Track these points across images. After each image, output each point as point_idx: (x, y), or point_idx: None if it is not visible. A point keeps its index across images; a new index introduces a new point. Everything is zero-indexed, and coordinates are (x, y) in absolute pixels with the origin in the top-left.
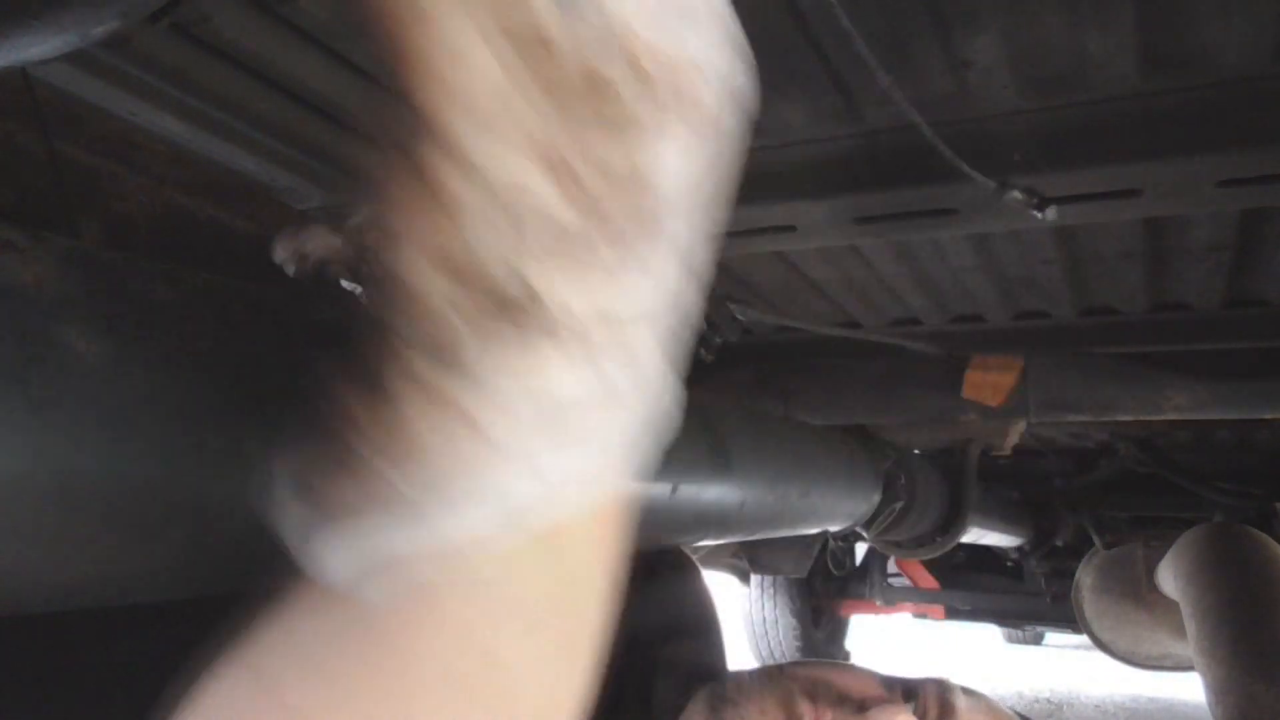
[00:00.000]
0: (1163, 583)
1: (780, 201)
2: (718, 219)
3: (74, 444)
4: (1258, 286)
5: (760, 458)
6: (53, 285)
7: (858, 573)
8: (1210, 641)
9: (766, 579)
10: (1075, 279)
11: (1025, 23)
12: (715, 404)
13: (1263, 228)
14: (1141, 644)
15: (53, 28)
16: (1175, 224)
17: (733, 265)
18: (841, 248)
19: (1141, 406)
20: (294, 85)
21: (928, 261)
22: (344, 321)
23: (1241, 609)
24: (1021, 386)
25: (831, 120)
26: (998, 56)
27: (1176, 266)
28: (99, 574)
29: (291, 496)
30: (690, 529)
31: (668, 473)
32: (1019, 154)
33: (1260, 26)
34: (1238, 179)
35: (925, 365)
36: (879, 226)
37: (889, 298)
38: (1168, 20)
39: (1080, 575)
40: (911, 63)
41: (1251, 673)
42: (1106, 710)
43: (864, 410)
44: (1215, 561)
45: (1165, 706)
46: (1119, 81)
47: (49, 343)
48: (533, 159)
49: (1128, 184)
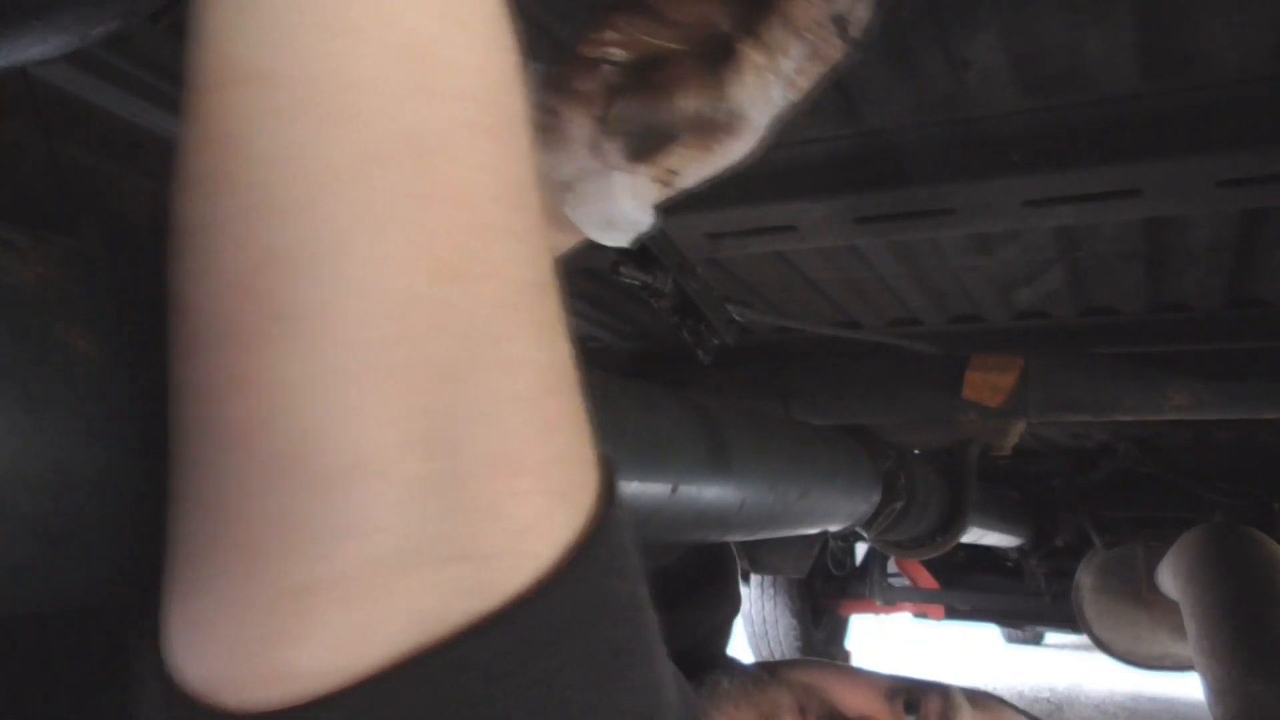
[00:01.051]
0: (1163, 583)
1: (780, 201)
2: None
3: (74, 444)
4: (1258, 286)
5: (760, 458)
6: (53, 285)
7: (858, 573)
8: (1210, 641)
9: (766, 579)
10: (1075, 279)
11: (1025, 23)
12: (715, 404)
13: (1263, 228)
14: (1141, 644)
15: (53, 28)
16: (1175, 224)
17: (733, 265)
18: (841, 248)
19: (1142, 406)
20: None
21: (927, 261)
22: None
23: (1241, 609)
24: (1021, 386)
25: (831, 120)
26: (997, 56)
27: (1176, 266)
28: (98, 574)
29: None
30: (690, 529)
31: (668, 473)
32: (1018, 154)
33: (1260, 26)
34: (1238, 179)
35: (925, 365)
36: (879, 226)
37: (889, 298)
38: (1168, 20)
39: (1080, 575)
40: (911, 63)
41: (1251, 673)
42: (1106, 710)
43: (864, 410)
44: (1215, 561)
45: (1165, 706)
46: (1119, 82)
47: (49, 343)
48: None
49: (1128, 184)
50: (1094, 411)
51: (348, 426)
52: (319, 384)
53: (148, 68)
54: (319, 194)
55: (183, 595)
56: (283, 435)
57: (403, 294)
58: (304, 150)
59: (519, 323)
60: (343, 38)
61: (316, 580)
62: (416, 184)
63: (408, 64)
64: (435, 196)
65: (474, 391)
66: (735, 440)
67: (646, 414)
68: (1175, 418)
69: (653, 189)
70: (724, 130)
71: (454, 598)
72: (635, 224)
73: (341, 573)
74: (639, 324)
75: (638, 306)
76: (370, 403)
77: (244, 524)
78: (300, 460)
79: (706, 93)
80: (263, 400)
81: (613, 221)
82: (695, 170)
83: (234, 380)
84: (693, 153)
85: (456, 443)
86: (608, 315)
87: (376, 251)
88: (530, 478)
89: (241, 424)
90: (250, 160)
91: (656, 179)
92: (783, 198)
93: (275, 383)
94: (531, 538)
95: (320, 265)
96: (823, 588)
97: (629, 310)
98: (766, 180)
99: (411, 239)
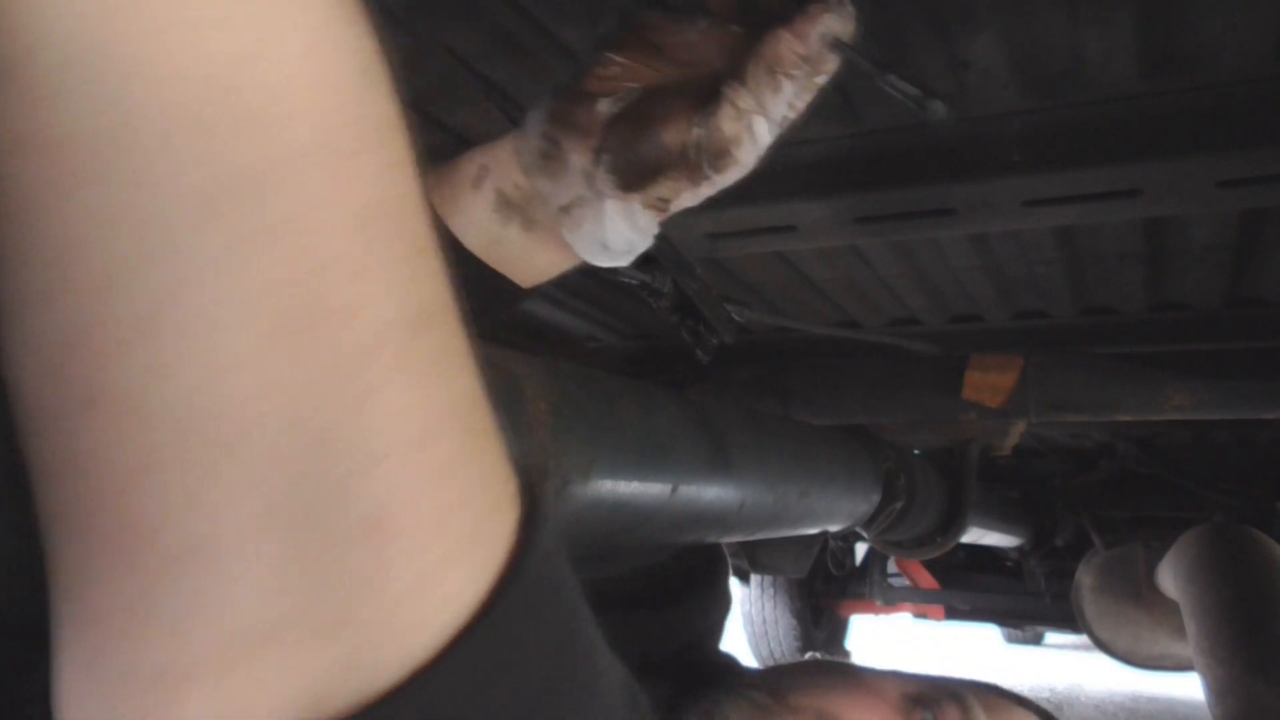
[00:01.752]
0: (1163, 583)
1: (780, 201)
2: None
3: None
4: (1258, 286)
5: (760, 458)
6: None
7: (858, 573)
8: (1210, 641)
9: (766, 579)
10: (1075, 279)
11: (1024, 22)
12: (715, 404)
13: (1263, 228)
14: (1141, 644)
15: None
16: (1175, 224)
17: (732, 265)
18: (841, 248)
19: (1141, 406)
20: None
21: (927, 261)
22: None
23: (1241, 609)
24: (1021, 386)
25: (831, 120)
26: (997, 56)
27: (1176, 266)
28: None
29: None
30: (690, 529)
31: (668, 473)
32: (1018, 154)
33: (1260, 26)
34: (1238, 179)
35: (925, 365)
36: (879, 226)
37: (889, 298)
38: (1167, 20)
39: (1080, 575)
40: (911, 63)
41: (1251, 673)
42: (1106, 710)
43: (864, 410)
44: (1215, 561)
45: (1165, 706)
46: (1119, 82)
47: None
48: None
49: (1128, 184)
50: (1094, 411)
51: (187, 509)
52: (147, 468)
53: None
54: (124, 264)
55: (66, 665)
56: (122, 520)
57: (233, 358)
58: (102, 217)
59: (387, 368)
60: (137, 83)
61: (176, 662)
62: (239, 232)
63: (219, 98)
64: (264, 243)
65: (336, 453)
66: (735, 440)
67: (646, 414)
68: (1175, 418)
69: (645, 215)
70: (710, 165)
71: (337, 676)
72: (630, 247)
73: (200, 654)
74: (639, 324)
75: (638, 306)
76: (210, 481)
77: (106, 606)
78: (145, 544)
79: (692, 130)
80: (95, 486)
81: (607, 245)
82: (686, 199)
83: (64, 465)
84: (681, 184)
85: (318, 511)
86: (608, 315)
87: (195, 317)
88: (410, 538)
89: (82, 509)
90: (46, 235)
91: (648, 206)
92: (783, 198)
93: (102, 469)
94: (415, 604)
95: (129, 343)
96: (823, 588)
97: (629, 310)
98: (766, 180)
99: (237, 296)
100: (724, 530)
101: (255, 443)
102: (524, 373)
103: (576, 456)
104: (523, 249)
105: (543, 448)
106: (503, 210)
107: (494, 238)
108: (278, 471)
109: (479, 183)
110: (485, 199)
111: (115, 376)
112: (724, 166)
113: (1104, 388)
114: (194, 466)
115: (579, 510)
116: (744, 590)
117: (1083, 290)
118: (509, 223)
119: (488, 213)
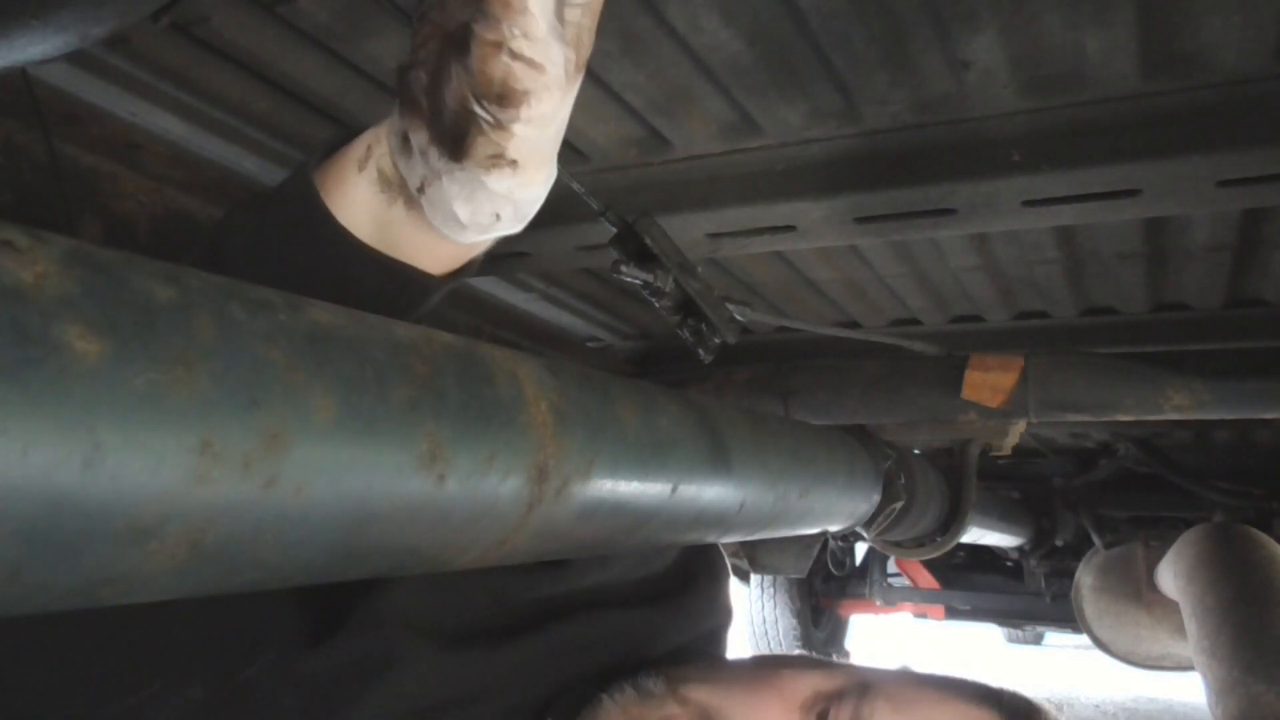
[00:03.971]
0: (1163, 583)
1: (780, 201)
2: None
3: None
4: (1258, 286)
5: (760, 458)
6: (53, 285)
7: (858, 573)
8: (1210, 641)
9: (766, 579)
10: (1075, 279)
11: (1024, 22)
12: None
13: (1263, 228)
14: (1141, 644)
15: (53, 28)
16: (1175, 224)
17: (733, 265)
18: (841, 248)
19: (1142, 406)
20: (294, 85)
21: (927, 261)
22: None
23: (1241, 609)
24: (1021, 386)
25: (831, 120)
26: (997, 56)
27: (1176, 266)
28: (99, 576)
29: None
30: (690, 529)
31: (668, 473)
32: (1018, 154)
33: (1260, 26)
34: (1238, 179)
35: (925, 365)
36: (879, 226)
37: (889, 298)
38: (1167, 20)
39: (1080, 575)
40: (911, 63)
41: (1252, 673)
42: (1106, 710)
43: (864, 410)
44: (1215, 561)
45: (1165, 706)
46: (1118, 81)
47: (49, 343)
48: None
49: (1128, 184)
50: (1094, 411)
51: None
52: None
53: (148, 68)
54: None
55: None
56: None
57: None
58: None
59: None
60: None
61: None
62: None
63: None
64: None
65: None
66: (735, 440)
67: (646, 414)
68: (1175, 418)
69: (492, 180)
70: (499, 108)
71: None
72: (489, 219)
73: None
74: (639, 324)
75: (638, 306)
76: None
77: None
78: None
79: (462, 83)
80: None
81: (463, 220)
82: (522, 146)
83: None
84: (499, 129)
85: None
86: (608, 315)
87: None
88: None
89: None
90: None
91: (483, 166)
92: (783, 197)
93: None
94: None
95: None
96: (823, 588)
97: (629, 310)
98: (766, 180)
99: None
100: (724, 530)
101: None
102: (524, 373)
103: (576, 456)
104: (413, 230)
105: (543, 448)
106: (386, 190)
107: (382, 220)
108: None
109: (364, 163)
110: (369, 178)
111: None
112: (515, 102)
113: (1104, 388)
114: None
115: (579, 510)
116: (744, 590)
117: (1083, 290)
118: (393, 203)
119: (373, 193)
